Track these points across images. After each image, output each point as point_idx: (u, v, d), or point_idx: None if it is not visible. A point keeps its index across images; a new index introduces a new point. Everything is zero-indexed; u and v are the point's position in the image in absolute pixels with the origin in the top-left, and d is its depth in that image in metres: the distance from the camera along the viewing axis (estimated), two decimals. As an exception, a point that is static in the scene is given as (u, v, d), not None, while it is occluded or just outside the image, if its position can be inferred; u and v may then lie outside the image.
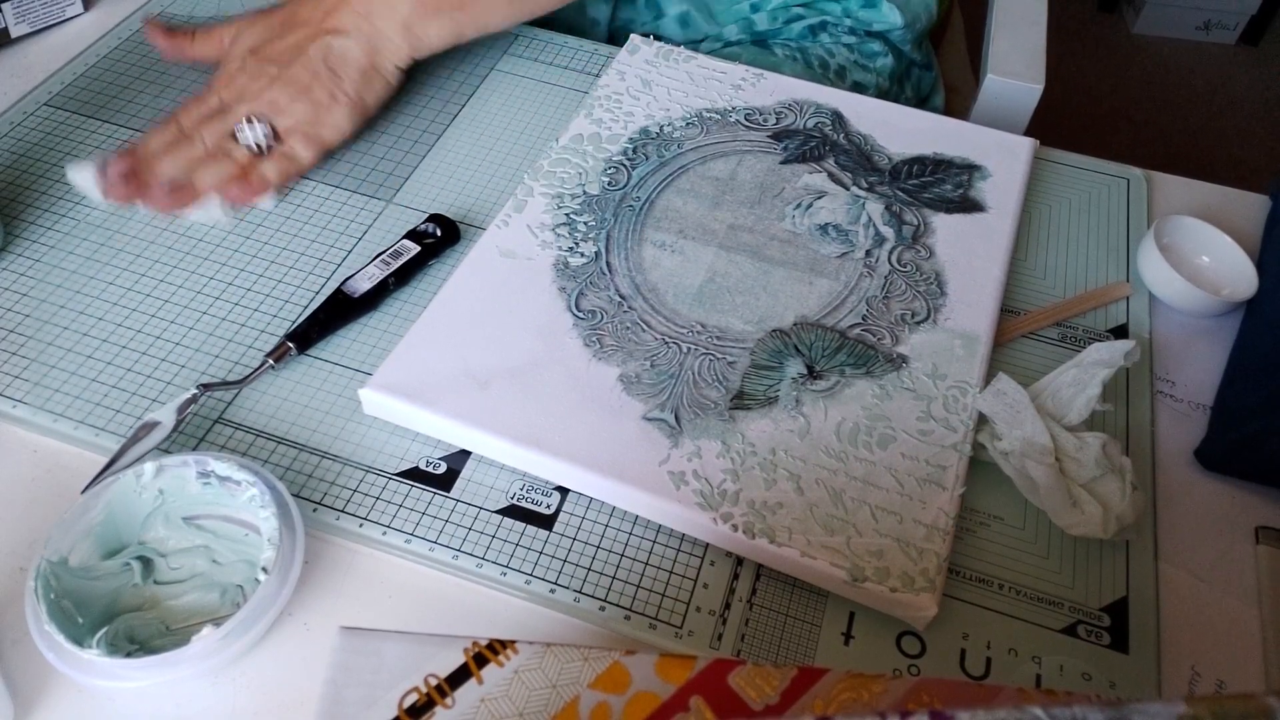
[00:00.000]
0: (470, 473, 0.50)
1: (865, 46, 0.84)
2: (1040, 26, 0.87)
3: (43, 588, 0.41)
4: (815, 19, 0.82)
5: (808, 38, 0.84)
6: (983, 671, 0.45)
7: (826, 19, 0.82)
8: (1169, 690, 0.45)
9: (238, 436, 0.51)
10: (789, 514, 0.47)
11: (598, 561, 0.47)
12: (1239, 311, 0.60)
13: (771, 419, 0.50)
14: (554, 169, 0.62)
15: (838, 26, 0.83)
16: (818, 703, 0.36)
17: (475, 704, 0.35)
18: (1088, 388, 0.50)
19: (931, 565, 0.45)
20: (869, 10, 0.82)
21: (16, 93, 0.69)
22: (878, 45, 0.84)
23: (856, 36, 0.84)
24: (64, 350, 0.54)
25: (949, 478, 0.48)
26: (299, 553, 0.44)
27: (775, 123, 0.67)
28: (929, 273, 0.58)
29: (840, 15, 0.82)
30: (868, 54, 0.84)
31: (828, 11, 0.82)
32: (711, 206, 0.61)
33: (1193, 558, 0.50)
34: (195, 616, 0.45)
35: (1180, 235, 0.62)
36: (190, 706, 0.42)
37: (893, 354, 0.54)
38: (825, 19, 0.82)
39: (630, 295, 0.56)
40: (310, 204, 0.63)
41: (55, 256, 0.59)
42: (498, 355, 0.52)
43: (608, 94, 0.68)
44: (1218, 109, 2.09)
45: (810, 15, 0.82)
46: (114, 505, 0.45)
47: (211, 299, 0.57)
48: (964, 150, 0.66)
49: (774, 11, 0.81)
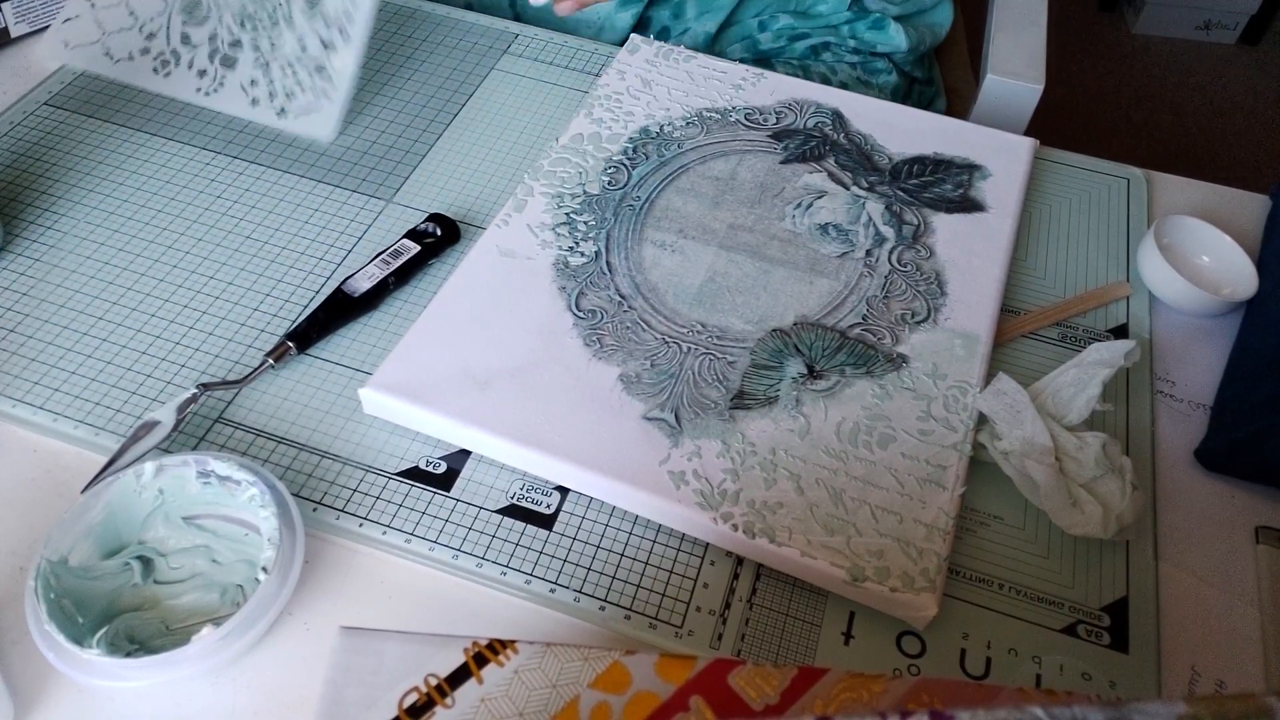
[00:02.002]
0: (470, 472, 0.50)
1: (869, 65, 0.84)
2: (1040, 26, 0.87)
3: (43, 587, 0.41)
4: (819, 39, 0.82)
5: (810, 56, 0.84)
6: (983, 671, 0.45)
7: (830, 40, 0.82)
8: (1169, 690, 0.45)
9: (238, 436, 0.51)
10: (789, 514, 0.47)
11: (598, 561, 0.47)
12: (1239, 311, 0.60)
13: (771, 419, 0.50)
14: (554, 168, 0.62)
15: (841, 47, 0.83)
16: (818, 703, 0.36)
17: (475, 704, 0.35)
18: (1088, 388, 0.50)
19: (931, 565, 0.45)
20: (875, 32, 0.82)
21: (16, 93, 0.69)
22: (882, 64, 0.84)
23: (860, 55, 0.84)
24: (64, 350, 0.54)
25: (949, 477, 0.48)
26: (299, 553, 0.44)
27: (775, 122, 0.67)
28: (929, 272, 0.58)
29: (845, 36, 0.82)
30: (871, 71, 0.84)
31: (833, 32, 0.82)
32: (712, 206, 0.61)
33: (1193, 558, 0.50)
34: (195, 616, 0.45)
35: (1180, 235, 0.62)
36: (190, 706, 0.42)
37: (893, 354, 0.54)
38: (829, 40, 0.82)
39: (630, 295, 0.56)
40: (310, 204, 0.63)
41: (55, 256, 0.59)
42: (498, 355, 0.52)
43: (608, 93, 0.68)
44: (1218, 109, 2.09)
45: (815, 35, 0.82)
46: (114, 505, 0.45)
47: (211, 299, 0.57)
48: (964, 150, 0.66)
49: (779, 31, 0.82)
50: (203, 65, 0.68)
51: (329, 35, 0.65)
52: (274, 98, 0.66)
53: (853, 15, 0.81)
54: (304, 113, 0.66)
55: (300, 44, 0.66)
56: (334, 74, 0.66)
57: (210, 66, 0.68)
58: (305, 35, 0.66)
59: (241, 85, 0.67)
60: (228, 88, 0.67)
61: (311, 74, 0.66)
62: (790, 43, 0.82)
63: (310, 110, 0.66)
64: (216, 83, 0.67)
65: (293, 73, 0.66)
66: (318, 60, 0.66)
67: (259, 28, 0.67)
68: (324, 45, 0.66)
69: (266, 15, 0.67)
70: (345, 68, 0.65)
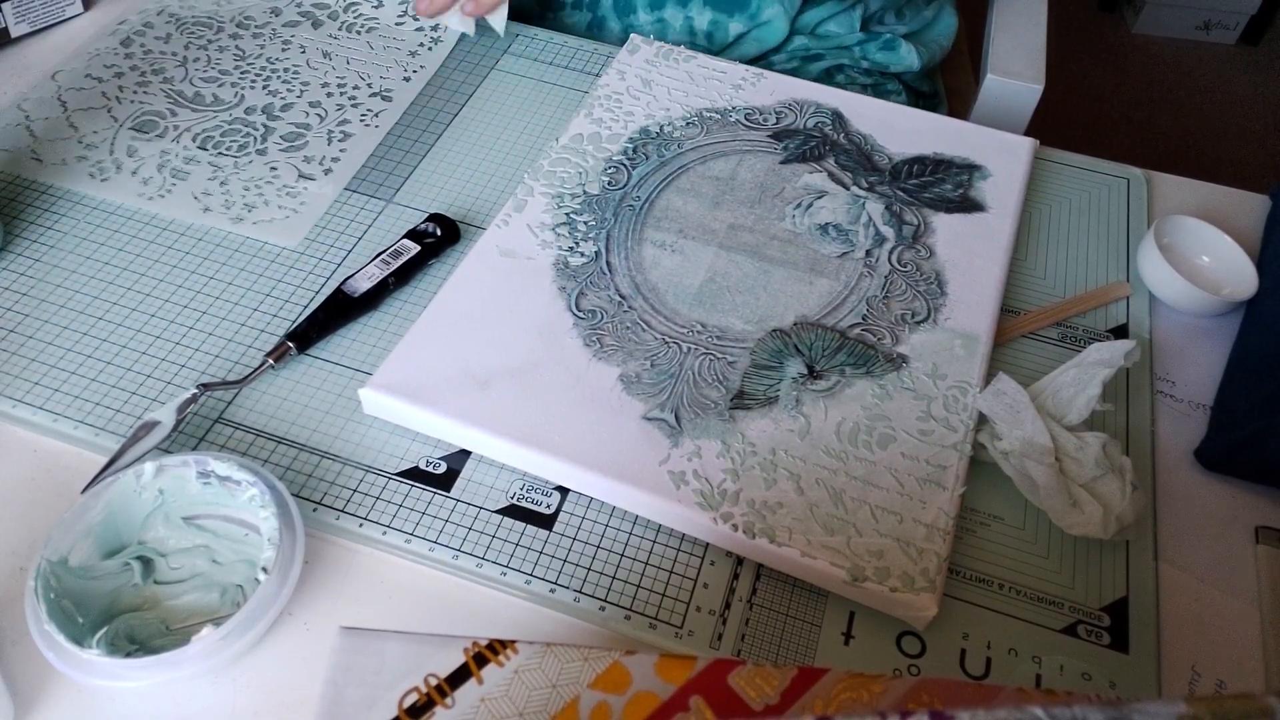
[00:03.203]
0: (470, 473, 0.50)
1: (881, 86, 0.84)
2: (1040, 26, 0.87)
3: (43, 587, 0.41)
4: (832, 62, 0.82)
5: (824, 79, 0.84)
6: (983, 671, 0.45)
7: (844, 62, 0.82)
8: (1169, 690, 0.45)
9: (238, 436, 0.51)
10: (789, 514, 0.47)
11: (598, 561, 0.47)
12: (1239, 311, 0.60)
13: (771, 419, 0.50)
14: (554, 168, 0.62)
15: (853, 68, 0.83)
16: (818, 703, 0.36)
17: (475, 704, 0.35)
18: (1088, 388, 0.50)
19: (932, 565, 0.45)
20: (887, 53, 0.82)
21: (16, 93, 0.69)
22: (893, 85, 0.84)
23: (871, 77, 0.84)
24: (64, 350, 0.54)
25: (949, 477, 0.48)
26: (299, 553, 0.44)
27: (775, 122, 0.67)
28: (929, 272, 0.58)
29: (858, 58, 0.82)
30: (883, 93, 0.84)
31: (846, 54, 0.82)
32: (712, 206, 0.61)
33: (1193, 558, 0.50)
34: (195, 616, 0.45)
35: (1180, 235, 0.62)
36: (190, 706, 0.42)
37: (893, 354, 0.54)
38: (842, 62, 0.82)
39: (630, 295, 0.56)
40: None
41: (55, 256, 0.59)
42: (498, 355, 0.52)
43: (608, 93, 0.68)
44: (1218, 109, 2.09)
45: (830, 57, 0.82)
46: (114, 505, 0.45)
47: (211, 299, 0.57)
48: (964, 150, 0.66)
49: (792, 52, 0.82)
50: (149, 174, 0.63)
51: (309, 169, 0.63)
52: (229, 207, 0.61)
53: (864, 36, 0.81)
54: (265, 221, 0.61)
55: (270, 168, 0.63)
56: (309, 198, 0.62)
57: (157, 175, 0.63)
58: (279, 164, 0.64)
59: (193, 194, 0.62)
60: (176, 194, 0.62)
61: (280, 193, 0.62)
62: (804, 63, 0.82)
63: (273, 220, 0.61)
64: (163, 190, 0.62)
65: (257, 190, 0.62)
66: (291, 187, 0.63)
67: (223, 152, 0.64)
68: (300, 176, 0.63)
69: (236, 144, 0.64)
70: (325, 194, 0.62)
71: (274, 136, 0.66)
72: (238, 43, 0.73)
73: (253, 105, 0.68)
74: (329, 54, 0.73)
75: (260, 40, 0.73)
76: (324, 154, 0.65)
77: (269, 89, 0.69)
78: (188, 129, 0.66)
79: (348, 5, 0.77)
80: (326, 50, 0.73)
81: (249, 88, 0.69)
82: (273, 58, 0.72)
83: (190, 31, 0.74)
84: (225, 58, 0.72)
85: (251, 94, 0.69)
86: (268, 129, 0.66)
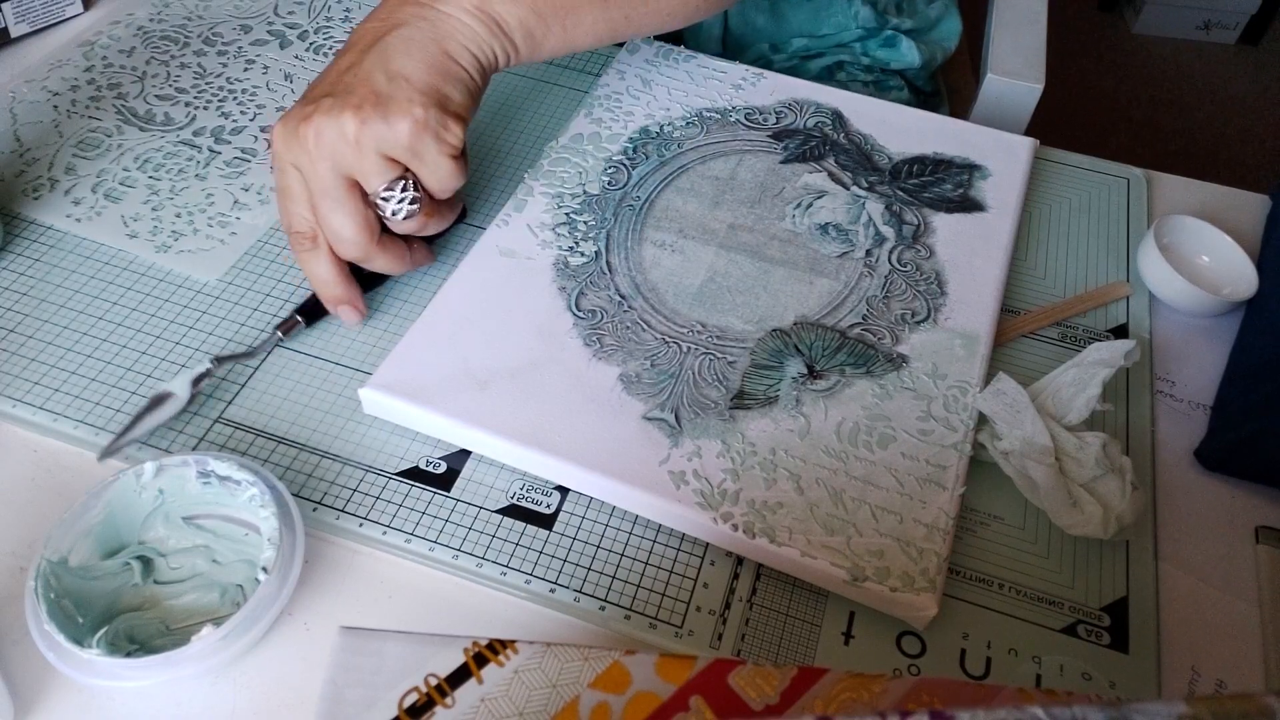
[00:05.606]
0: (470, 472, 0.50)
1: (883, 83, 0.84)
2: (1040, 26, 0.87)
3: (43, 587, 0.41)
4: (833, 59, 0.82)
5: (825, 77, 0.84)
6: (983, 671, 0.45)
7: (845, 59, 0.83)
8: (1169, 690, 0.45)
9: (238, 436, 0.51)
10: (789, 514, 0.47)
11: (598, 561, 0.47)
12: (1239, 311, 0.60)
13: (771, 419, 0.50)
14: (554, 168, 0.62)
15: (854, 65, 0.83)
16: (818, 703, 0.36)
17: (475, 704, 0.35)
18: (1088, 388, 0.50)
19: (932, 565, 0.45)
20: (888, 50, 0.82)
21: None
22: (894, 81, 0.84)
23: (873, 74, 0.84)
24: (64, 350, 0.54)
25: (949, 477, 0.48)
26: (299, 552, 0.44)
27: (775, 122, 0.67)
28: (929, 272, 0.58)
29: (859, 55, 0.82)
30: (884, 90, 0.84)
31: (846, 50, 0.82)
32: (711, 206, 0.61)
33: (1193, 558, 0.50)
34: (195, 616, 0.45)
35: (1180, 235, 0.62)
36: (190, 706, 0.42)
37: (893, 354, 0.54)
38: (843, 59, 0.83)
39: (630, 295, 0.56)
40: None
41: (55, 256, 0.59)
42: (498, 355, 0.52)
43: (608, 93, 0.68)
44: (1218, 109, 2.09)
45: (830, 55, 0.82)
46: (114, 505, 0.45)
47: (212, 298, 0.57)
48: (964, 150, 0.66)
49: (793, 52, 0.82)
50: (81, 195, 0.61)
51: (246, 198, 0.62)
52: (156, 234, 0.60)
53: (864, 33, 0.81)
54: (189, 252, 0.59)
55: (207, 196, 0.62)
56: (240, 228, 0.61)
57: (90, 196, 0.61)
58: (217, 192, 0.62)
59: (123, 217, 0.60)
60: (105, 218, 0.60)
61: (211, 222, 0.61)
62: (804, 62, 0.82)
63: (197, 251, 0.59)
64: (93, 212, 0.61)
65: (189, 218, 0.61)
66: (223, 215, 0.61)
67: (162, 175, 0.63)
68: (235, 203, 0.62)
69: (177, 167, 0.63)
70: (256, 225, 0.61)
71: (217, 161, 0.64)
72: (201, 59, 0.71)
73: (202, 127, 0.66)
74: (290, 76, 0.71)
75: (224, 58, 0.71)
76: (266, 182, 0.63)
77: (222, 110, 0.67)
78: (130, 149, 0.64)
79: (319, 27, 0.75)
80: (289, 72, 0.71)
81: (202, 108, 0.68)
82: (233, 78, 0.70)
83: (154, 45, 0.72)
84: (185, 75, 0.70)
85: (204, 115, 0.67)
86: (213, 153, 0.65)
